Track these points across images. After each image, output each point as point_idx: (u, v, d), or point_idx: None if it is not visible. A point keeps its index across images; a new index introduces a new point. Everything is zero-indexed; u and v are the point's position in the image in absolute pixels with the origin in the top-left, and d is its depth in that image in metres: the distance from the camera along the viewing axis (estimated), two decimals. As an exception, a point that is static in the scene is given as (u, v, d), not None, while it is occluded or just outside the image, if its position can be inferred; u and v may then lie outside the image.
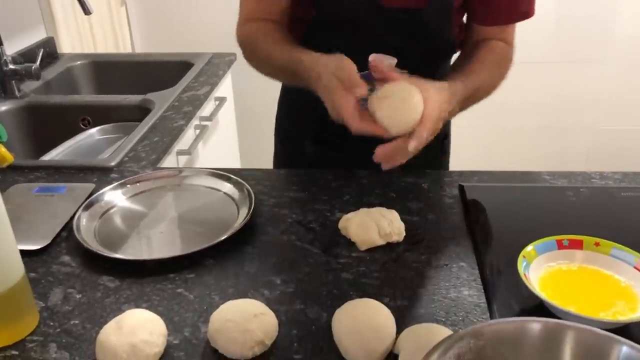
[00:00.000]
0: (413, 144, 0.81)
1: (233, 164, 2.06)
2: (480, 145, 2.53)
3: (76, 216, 0.93)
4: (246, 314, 0.68)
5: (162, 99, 1.49)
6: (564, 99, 2.51)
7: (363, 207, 0.91)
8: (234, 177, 1.02)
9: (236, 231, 0.88)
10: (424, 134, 0.82)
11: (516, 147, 2.61)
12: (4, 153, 0.89)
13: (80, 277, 0.82)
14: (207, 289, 0.79)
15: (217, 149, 1.82)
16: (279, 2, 1.02)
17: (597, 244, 0.78)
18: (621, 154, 2.57)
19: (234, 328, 0.67)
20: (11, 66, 1.52)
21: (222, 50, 1.87)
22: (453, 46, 1.06)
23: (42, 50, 1.69)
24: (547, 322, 0.58)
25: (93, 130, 1.49)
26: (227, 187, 1.02)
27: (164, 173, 1.06)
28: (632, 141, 2.57)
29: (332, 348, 0.68)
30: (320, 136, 1.13)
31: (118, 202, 0.99)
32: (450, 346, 0.55)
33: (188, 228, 0.94)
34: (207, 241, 0.86)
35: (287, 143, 1.24)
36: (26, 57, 1.65)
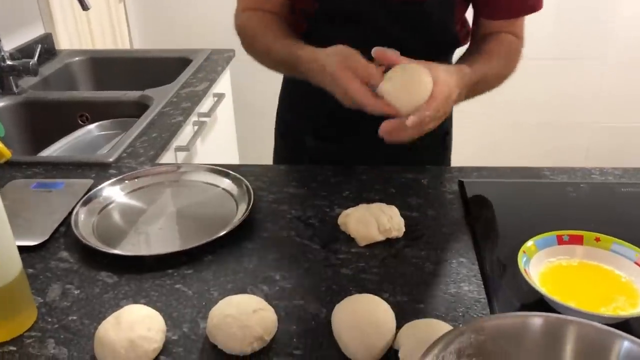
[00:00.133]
0: (412, 119, 0.80)
1: (231, 161, 2.05)
2: (480, 142, 2.53)
3: (74, 212, 0.92)
4: (245, 310, 0.68)
5: (161, 95, 1.49)
6: (564, 96, 2.50)
7: (362, 203, 0.91)
8: (233, 173, 1.02)
9: (235, 227, 0.88)
10: (427, 112, 0.80)
11: (515, 145, 2.61)
12: (2, 149, 0.88)
13: (78, 273, 0.82)
14: (206, 285, 0.79)
15: (216, 145, 1.81)
16: None
17: (598, 240, 0.78)
18: (620, 152, 2.57)
19: (233, 324, 0.66)
20: (9, 62, 1.51)
21: (221, 46, 1.87)
22: (456, 40, 1.06)
23: (40, 46, 1.68)
24: (548, 317, 0.58)
25: (91, 126, 1.48)
26: (226, 183, 1.01)
27: (163, 169, 1.06)
28: (632, 138, 2.57)
29: (332, 344, 0.68)
30: (321, 131, 1.13)
31: (116, 198, 0.99)
32: (451, 341, 0.55)
33: (186, 224, 0.94)
34: (206, 237, 0.86)
35: (288, 137, 1.23)
36: (24, 53, 1.64)
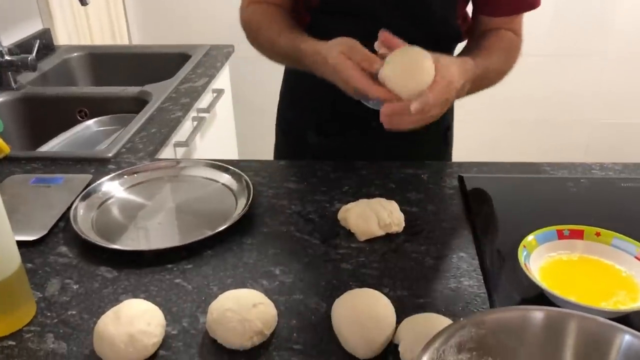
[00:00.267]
0: (415, 105, 0.78)
1: (231, 156, 2.05)
2: (480, 138, 2.52)
3: (73, 207, 0.92)
4: (245, 304, 0.68)
5: (160, 91, 1.48)
6: (564, 93, 2.50)
7: (362, 198, 0.91)
8: (232, 168, 1.01)
9: (234, 222, 0.88)
10: (430, 99, 0.78)
11: (515, 141, 2.60)
12: (1, 144, 0.88)
13: (77, 268, 0.82)
14: (206, 280, 0.79)
15: (215, 141, 1.81)
16: None
17: (598, 234, 0.78)
18: (620, 148, 2.57)
19: (233, 318, 0.66)
20: (7, 57, 1.51)
21: (220, 41, 1.86)
22: (458, 34, 1.06)
23: (39, 41, 1.67)
24: (549, 311, 0.58)
25: (90, 121, 1.48)
26: (225, 178, 1.01)
27: (162, 164, 1.06)
28: (631, 135, 2.57)
29: (332, 338, 0.68)
30: (324, 126, 1.13)
31: (115, 193, 0.98)
32: (451, 335, 0.55)
33: (186, 219, 0.94)
34: (205, 232, 0.86)
35: (289, 133, 1.23)
36: (22, 49, 1.64)
